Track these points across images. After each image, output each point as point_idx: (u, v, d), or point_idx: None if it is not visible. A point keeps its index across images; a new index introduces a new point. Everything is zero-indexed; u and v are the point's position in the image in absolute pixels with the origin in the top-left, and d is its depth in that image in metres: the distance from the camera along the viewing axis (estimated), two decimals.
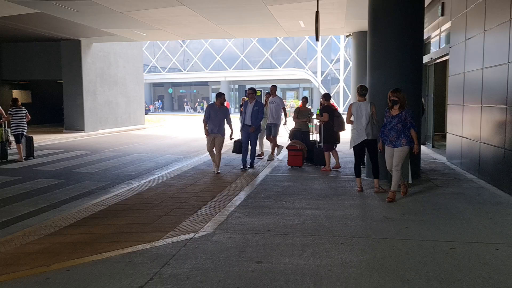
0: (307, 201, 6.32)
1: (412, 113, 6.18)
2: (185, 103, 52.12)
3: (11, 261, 4.22)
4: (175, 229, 5.09)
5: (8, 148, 11.44)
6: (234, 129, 8.97)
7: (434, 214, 5.52)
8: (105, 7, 12.22)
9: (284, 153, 10.99)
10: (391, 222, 5.19)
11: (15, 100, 11.33)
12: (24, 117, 11.25)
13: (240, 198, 6.59)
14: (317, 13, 8.33)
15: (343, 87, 43.26)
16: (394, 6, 7.69)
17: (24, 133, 11.25)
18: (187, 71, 50.96)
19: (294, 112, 10.10)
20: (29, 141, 11.44)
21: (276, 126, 10.68)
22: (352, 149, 7.03)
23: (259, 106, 9.28)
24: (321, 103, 9.45)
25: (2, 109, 11.64)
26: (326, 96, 9.31)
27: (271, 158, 10.64)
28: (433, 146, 12.66)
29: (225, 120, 8.83)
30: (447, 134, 10.37)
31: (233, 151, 9.80)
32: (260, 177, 8.36)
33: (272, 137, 10.69)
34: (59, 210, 6.42)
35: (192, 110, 50.43)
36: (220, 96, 8.89)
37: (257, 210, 5.84)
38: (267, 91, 11.59)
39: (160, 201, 6.61)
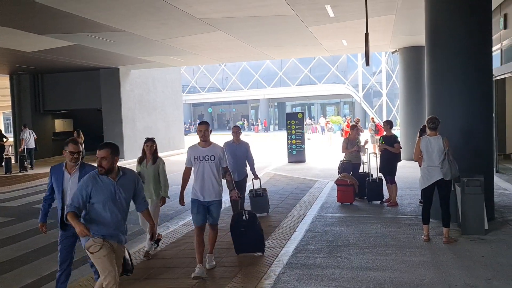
0: (366, 256, 5.43)
1: None
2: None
3: None
4: None
5: None
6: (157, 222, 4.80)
7: None
8: (141, 36, 11.91)
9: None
10: None
11: None
12: None
13: (287, 251, 5.78)
14: (366, 35, 7.51)
15: (386, 101, 41.71)
16: (458, 19, 6.74)
17: None
18: (226, 90, 50.99)
19: (343, 142, 9.19)
20: None
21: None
22: (420, 190, 6.11)
23: None
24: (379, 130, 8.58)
25: None
26: (391, 124, 8.50)
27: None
28: (497, 171, 11.37)
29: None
30: None
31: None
32: (308, 218, 7.50)
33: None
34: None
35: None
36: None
37: (308, 271, 5.01)
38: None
39: (189, 259, 5.74)
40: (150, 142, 5.98)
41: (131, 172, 3.89)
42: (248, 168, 7.39)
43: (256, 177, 7.62)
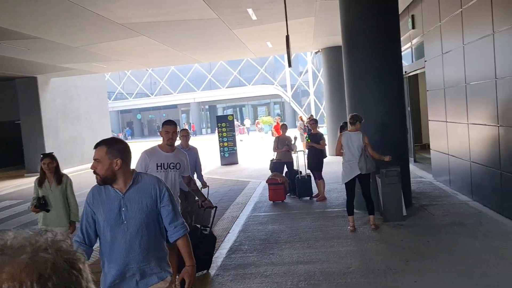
0: (297, 250, 5.64)
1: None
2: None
3: None
4: None
5: None
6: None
7: (441, 258, 4.93)
8: (59, 43, 11.37)
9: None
10: (396, 275, 4.55)
11: None
12: None
13: (221, 253, 5.84)
14: (287, 37, 7.77)
15: (314, 100, 43.15)
16: (368, 22, 7.21)
17: None
18: (154, 95, 49.95)
19: (274, 142, 9.39)
20: None
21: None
22: (343, 184, 6.44)
23: None
24: (308, 128, 8.97)
25: None
26: (316, 122, 8.93)
27: None
28: (415, 161, 12.25)
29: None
30: (431, 150, 9.95)
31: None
32: (241, 219, 7.62)
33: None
34: None
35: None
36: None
37: (242, 270, 5.11)
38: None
39: None
40: (47, 159, 4.87)
41: (149, 179, 2.65)
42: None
43: (205, 185, 6.74)
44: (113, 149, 2.50)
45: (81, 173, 18.36)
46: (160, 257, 2.62)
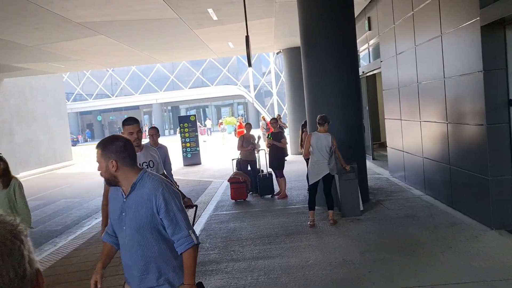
0: (257, 247, 5.74)
1: None
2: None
3: None
4: None
5: None
6: None
7: (394, 249, 5.16)
8: (12, 42, 10.99)
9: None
10: (352, 266, 4.74)
11: None
12: None
13: None
14: (247, 37, 7.86)
15: (277, 100, 43.57)
16: (326, 24, 7.42)
17: None
18: (115, 96, 48.92)
19: (238, 140, 9.43)
20: None
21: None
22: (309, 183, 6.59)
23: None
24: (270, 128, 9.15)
25: None
26: (276, 121, 9.17)
27: None
28: (373, 158, 12.65)
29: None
30: (388, 148, 10.31)
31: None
32: (203, 218, 7.66)
33: None
34: None
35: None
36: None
37: (204, 268, 5.16)
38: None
39: (92, 266, 5.72)
40: None
41: (150, 185, 2.35)
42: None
43: (175, 184, 6.85)
44: (107, 150, 2.33)
45: (37, 177, 17.78)
46: (164, 268, 2.39)
